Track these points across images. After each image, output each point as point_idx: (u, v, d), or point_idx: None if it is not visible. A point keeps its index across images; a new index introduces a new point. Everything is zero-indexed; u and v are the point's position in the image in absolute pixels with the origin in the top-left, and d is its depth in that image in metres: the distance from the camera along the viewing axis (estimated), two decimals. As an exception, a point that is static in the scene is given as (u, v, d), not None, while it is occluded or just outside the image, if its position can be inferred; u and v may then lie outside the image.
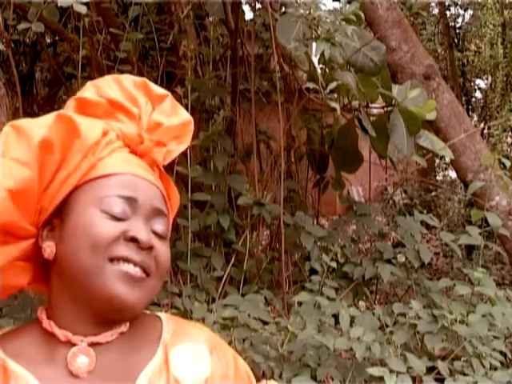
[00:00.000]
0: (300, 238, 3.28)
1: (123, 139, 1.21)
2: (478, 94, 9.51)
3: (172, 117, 1.26)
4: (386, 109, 3.26)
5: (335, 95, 3.42)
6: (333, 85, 3.23)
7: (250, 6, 3.99)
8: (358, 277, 3.35)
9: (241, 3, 3.85)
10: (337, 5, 4.00)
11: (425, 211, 3.81)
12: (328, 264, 3.20)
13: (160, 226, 1.17)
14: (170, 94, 1.29)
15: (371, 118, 3.33)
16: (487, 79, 9.27)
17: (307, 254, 3.28)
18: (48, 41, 3.44)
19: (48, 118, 1.16)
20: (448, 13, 8.54)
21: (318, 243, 3.37)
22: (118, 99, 1.24)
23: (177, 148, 1.25)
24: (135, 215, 1.14)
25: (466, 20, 9.12)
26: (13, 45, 3.10)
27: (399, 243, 3.46)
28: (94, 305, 1.13)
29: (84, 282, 1.13)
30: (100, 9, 3.19)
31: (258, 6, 4.21)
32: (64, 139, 1.16)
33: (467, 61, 8.94)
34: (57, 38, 3.56)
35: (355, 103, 3.37)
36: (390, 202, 4.60)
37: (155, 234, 1.15)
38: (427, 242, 3.52)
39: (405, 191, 4.69)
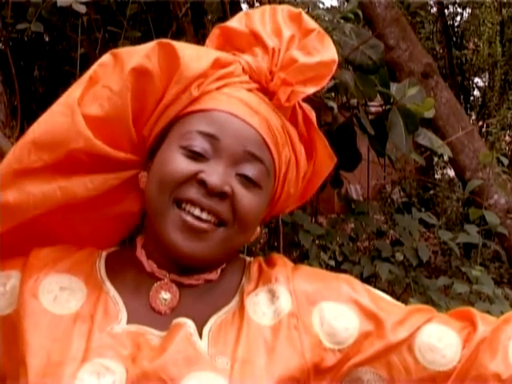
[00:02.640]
0: (298, 236, 3.27)
1: (249, 75, 1.15)
2: (476, 93, 9.52)
3: (314, 54, 1.18)
4: (384, 107, 3.25)
5: (333, 94, 3.41)
6: (331, 83, 3.23)
7: (249, 4, 3.97)
8: (357, 275, 3.34)
9: (239, 2, 3.83)
10: (335, 3, 4.00)
11: (423, 209, 3.81)
12: (326, 262, 3.20)
13: (250, 170, 1.12)
14: (317, 26, 1.20)
15: (369, 117, 3.32)
16: (485, 77, 9.27)
17: (305, 253, 3.27)
18: (46, 39, 3.41)
19: (148, 46, 1.14)
20: (446, 11, 8.54)
21: (316, 241, 3.36)
22: (260, 31, 1.18)
23: (304, 89, 1.17)
24: (217, 156, 1.11)
25: (464, 18, 9.12)
26: (11, 43, 3.09)
27: (397, 241, 3.47)
28: (164, 248, 1.13)
29: (153, 220, 1.14)
30: (98, 7, 3.18)
31: (257, 4, 4.20)
32: (163, 68, 1.12)
33: (465, 59, 8.93)
34: (55, 35, 3.54)
35: (353, 101, 3.36)
36: (388, 200, 4.61)
37: (244, 178, 1.11)
38: (425, 240, 3.52)
39: (403, 189, 4.69)
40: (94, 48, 3.16)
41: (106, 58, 1.17)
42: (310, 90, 1.18)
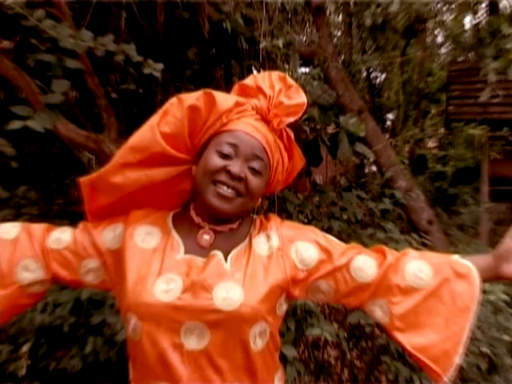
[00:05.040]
0: (286, 205, 3.24)
1: (256, 110, 1.16)
2: (388, 122, 9.42)
3: (294, 99, 1.18)
4: (336, 130, 3.21)
5: (306, 122, 3.36)
6: (305, 116, 3.19)
7: (257, 69, 3.91)
8: (319, 228, 3.29)
9: (252, 69, 3.77)
10: (307, 69, 3.94)
11: (358, 189, 3.75)
12: (302, 220, 3.17)
13: (255, 165, 1.11)
14: (295, 83, 1.21)
15: (327, 135, 3.29)
16: (394, 114, 9.20)
17: (290, 215, 3.22)
18: (140, 91, 3.37)
19: (197, 93, 1.13)
20: (371, 75, 8.45)
21: (296, 208, 3.32)
22: (262, 86, 1.18)
23: (287, 119, 1.18)
24: (237, 157, 1.10)
25: (381, 79, 9.01)
26: (119, 93, 3.06)
27: (343, 208, 3.41)
28: (206, 207, 1.13)
29: (199, 193, 1.14)
30: (169, 71, 3.14)
31: (261, 70, 4.14)
32: (206, 106, 1.12)
33: (382, 104, 8.85)
34: (145, 88, 3.49)
35: (318, 126, 3.32)
36: (338, 184, 4.52)
37: (252, 169, 1.11)
38: (359, 207, 3.45)
39: (347, 178, 4.60)
40: (167, 95, 3.13)
41: (174, 100, 1.16)
42: (291, 119, 1.19)
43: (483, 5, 8.09)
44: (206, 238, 1.15)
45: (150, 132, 1.12)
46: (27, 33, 2.52)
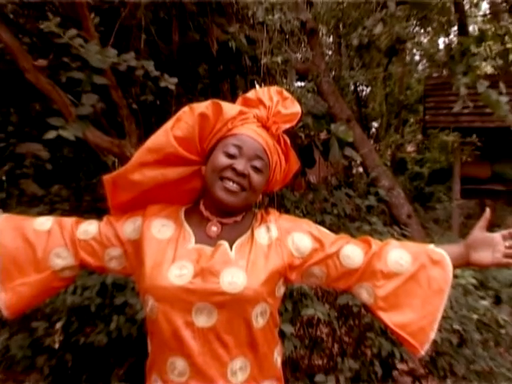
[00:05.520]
0: (284, 201, 3.22)
1: (257, 118, 1.14)
2: (373, 130, 9.38)
3: (289, 108, 1.17)
4: (327, 136, 3.19)
5: (302, 129, 3.34)
6: (300, 124, 3.18)
7: (259, 84, 3.90)
8: (313, 221, 3.25)
9: (255, 84, 3.76)
10: (302, 83, 3.92)
11: (347, 188, 3.72)
12: (298, 215, 3.15)
13: (257, 163, 1.10)
14: (290, 96, 1.19)
15: (320, 141, 3.27)
16: (378, 122, 9.16)
17: (288, 210, 3.21)
18: (158, 102, 3.35)
19: (206, 102, 1.12)
20: (358, 88, 8.41)
21: (293, 204, 3.30)
22: (262, 98, 1.17)
23: (284, 126, 1.15)
24: (241, 156, 1.09)
25: (367, 92, 8.96)
26: (139, 104, 3.04)
27: (334, 204, 3.39)
28: (214, 201, 1.11)
29: (208, 188, 1.12)
30: (182, 85, 3.13)
31: (263, 84, 4.12)
32: (214, 114, 1.11)
33: (367, 113, 8.81)
34: (161, 99, 3.47)
35: (312, 133, 3.30)
36: (330, 183, 4.49)
37: (254, 168, 1.09)
38: (348, 203, 3.43)
39: (337, 178, 4.58)
40: (180, 106, 3.12)
41: (186, 108, 1.14)
42: (287, 126, 1.17)
43: (454, 28, 8.06)
44: (214, 229, 1.13)
45: (165, 135, 1.11)
46: (60, 52, 2.51)
